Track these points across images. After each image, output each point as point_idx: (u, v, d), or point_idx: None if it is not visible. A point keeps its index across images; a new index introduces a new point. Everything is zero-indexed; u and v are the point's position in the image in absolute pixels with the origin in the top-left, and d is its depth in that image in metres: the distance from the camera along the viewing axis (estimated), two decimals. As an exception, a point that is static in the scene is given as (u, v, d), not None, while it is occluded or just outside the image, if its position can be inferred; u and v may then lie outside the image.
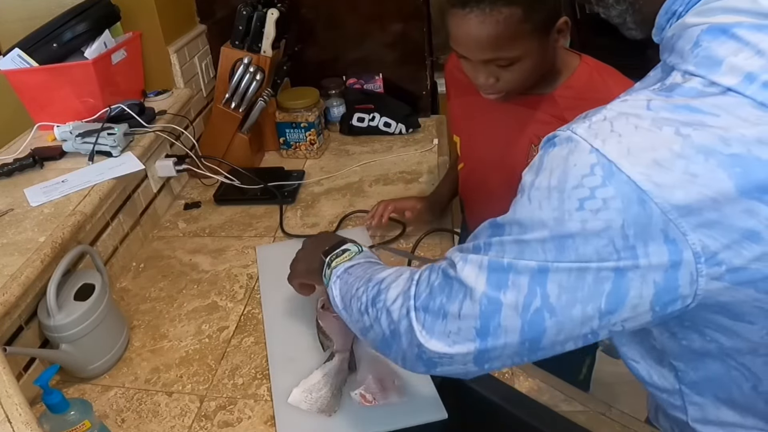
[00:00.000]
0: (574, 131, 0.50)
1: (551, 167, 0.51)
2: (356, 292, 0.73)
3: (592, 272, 0.49)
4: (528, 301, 0.52)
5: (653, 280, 0.48)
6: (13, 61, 1.37)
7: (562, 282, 0.51)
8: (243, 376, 1.01)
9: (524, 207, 0.53)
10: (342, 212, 1.42)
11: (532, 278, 0.52)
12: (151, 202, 1.46)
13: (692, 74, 0.49)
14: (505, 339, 0.55)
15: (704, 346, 0.56)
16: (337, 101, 1.84)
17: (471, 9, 0.88)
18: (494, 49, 0.90)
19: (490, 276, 0.54)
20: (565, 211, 0.49)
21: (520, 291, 0.52)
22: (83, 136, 1.31)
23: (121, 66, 1.49)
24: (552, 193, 0.50)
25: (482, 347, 0.56)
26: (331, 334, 0.98)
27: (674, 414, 0.65)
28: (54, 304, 0.95)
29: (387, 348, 0.67)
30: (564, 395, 0.91)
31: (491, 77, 0.96)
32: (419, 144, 1.73)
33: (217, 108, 1.63)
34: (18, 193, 1.20)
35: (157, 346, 1.09)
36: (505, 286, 0.53)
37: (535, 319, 0.53)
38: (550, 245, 0.50)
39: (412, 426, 0.87)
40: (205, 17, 1.81)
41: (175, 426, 0.93)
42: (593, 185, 0.47)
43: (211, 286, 1.23)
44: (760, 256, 0.46)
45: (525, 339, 0.54)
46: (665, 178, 0.46)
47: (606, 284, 0.49)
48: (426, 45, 1.82)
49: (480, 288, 0.55)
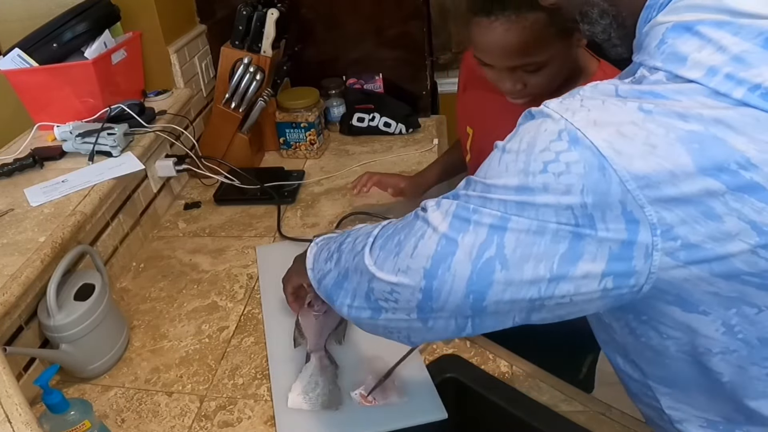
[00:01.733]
0: (547, 105, 0.53)
1: (523, 134, 0.53)
2: (327, 245, 0.77)
3: (550, 232, 0.51)
4: (483, 248, 0.53)
5: (609, 248, 0.49)
6: (13, 61, 1.37)
7: (520, 236, 0.52)
8: (243, 376, 1.01)
9: (493, 168, 0.55)
10: (342, 212, 1.42)
11: (491, 227, 0.53)
12: (151, 202, 1.46)
13: (658, 69, 0.51)
14: (452, 285, 0.55)
15: (662, 343, 0.57)
16: (337, 101, 1.84)
17: (496, 17, 0.87)
18: (521, 56, 0.90)
19: (453, 220, 0.56)
20: (529, 172, 0.51)
21: (477, 236, 0.54)
22: (83, 136, 1.31)
23: (121, 66, 1.49)
24: (519, 156, 0.52)
25: (427, 287, 0.57)
26: (306, 333, 1.01)
27: (648, 401, 0.67)
28: (54, 304, 0.95)
29: (338, 288, 0.69)
30: (564, 395, 0.91)
31: (518, 83, 0.95)
32: (419, 144, 1.73)
33: (217, 108, 1.63)
34: (18, 193, 1.20)
35: (157, 346, 1.09)
36: (465, 231, 0.55)
37: (486, 268, 0.53)
38: (512, 203, 0.52)
39: (412, 426, 0.87)
40: (205, 17, 1.81)
41: (175, 426, 0.93)
42: (559, 149, 0.49)
43: (211, 286, 1.23)
44: (715, 235, 0.47)
45: (471, 290, 0.55)
46: (626, 147, 0.47)
47: (562, 244, 0.50)
48: (426, 45, 1.82)
49: (441, 228, 0.56)
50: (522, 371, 0.96)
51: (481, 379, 0.95)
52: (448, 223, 0.56)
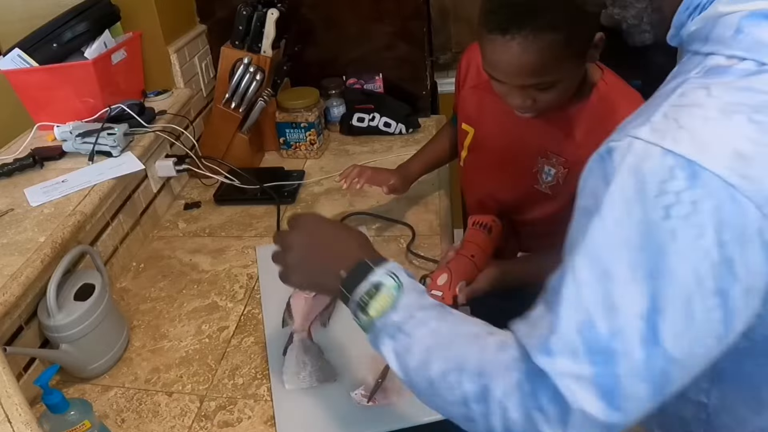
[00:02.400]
0: (635, 136, 0.46)
1: (620, 181, 0.46)
2: (433, 367, 0.60)
3: (697, 301, 0.45)
4: (648, 362, 0.46)
5: (756, 289, 0.45)
6: (13, 61, 1.37)
7: (675, 324, 0.45)
8: (243, 376, 1.01)
9: (598, 231, 0.47)
10: (342, 212, 1.42)
11: (642, 339, 0.46)
12: (151, 202, 1.45)
13: (742, 58, 0.48)
14: (636, 404, 0.49)
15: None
16: (337, 101, 1.84)
17: (513, 36, 0.82)
18: (536, 76, 0.87)
19: (595, 369, 0.47)
20: (650, 223, 0.44)
21: (631, 358, 0.46)
22: (83, 136, 1.31)
23: (121, 66, 1.49)
24: (631, 207, 0.45)
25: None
26: (295, 314, 1.05)
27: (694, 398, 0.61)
28: (54, 304, 0.95)
29: None
30: (564, 395, 0.91)
31: (528, 100, 0.92)
32: (419, 144, 1.71)
33: (217, 108, 1.63)
34: (18, 193, 1.20)
35: (157, 346, 1.09)
36: (612, 362, 0.47)
37: (661, 377, 0.47)
38: (642, 271, 0.45)
39: (412, 426, 0.87)
40: (205, 17, 1.81)
41: (175, 426, 0.93)
42: (677, 189, 0.43)
43: (211, 286, 1.23)
44: None
45: (656, 396, 0.49)
46: (751, 170, 0.43)
47: (715, 313, 0.45)
48: (426, 45, 1.82)
49: (588, 402, 0.48)
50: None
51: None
52: (590, 378, 0.48)
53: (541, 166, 1.05)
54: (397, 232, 1.33)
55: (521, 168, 1.08)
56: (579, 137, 1.00)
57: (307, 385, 0.94)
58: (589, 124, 0.98)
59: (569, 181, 1.03)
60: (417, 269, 1.21)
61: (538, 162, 1.06)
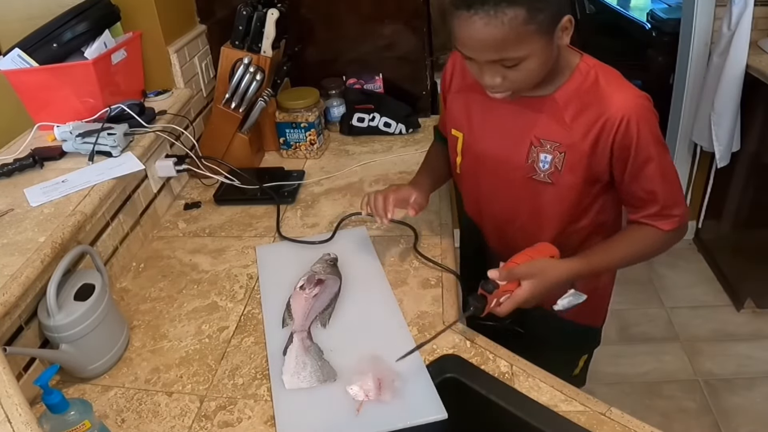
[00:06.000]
0: None
1: None
2: None
3: None
4: None
5: None
6: (13, 61, 1.37)
7: None
8: (243, 376, 1.01)
9: None
10: (342, 212, 1.42)
11: None
12: (151, 202, 1.46)
13: None
14: None
15: None
16: (337, 101, 1.84)
17: (475, 11, 0.87)
18: (499, 50, 0.91)
19: None
20: None
21: None
22: (83, 136, 1.31)
23: (121, 66, 1.49)
24: None
25: None
26: (295, 314, 1.07)
27: None
28: (54, 304, 0.95)
29: None
30: (564, 395, 0.91)
31: (497, 77, 0.96)
32: (419, 144, 1.73)
33: (217, 108, 1.63)
34: (18, 193, 1.20)
35: (157, 346, 1.09)
36: None
37: None
38: None
39: (412, 426, 0.87)
40: (205, 17, 1.81)
41: (175, 426, 0.93)
42: None
43: (211, 286, 1.23)
44: None
45: None
46: None
47: None
48: (426, 45, 1.82)
49: None
50: (522, 371, 0.96)
51: (481, 379, 0.95)
52: None
53: (536, 155, 1.05)
54: (398, 233, 1.33)
55: (516, 161, 1.08)
56: (569, 119, 1.01)
57: (307, 385, 0.94)
58: (577, 105, 1.00)
59: (568, 164, 1.03)
60: (422, 269, 1.21)
61: (532, 152, 1.05)
